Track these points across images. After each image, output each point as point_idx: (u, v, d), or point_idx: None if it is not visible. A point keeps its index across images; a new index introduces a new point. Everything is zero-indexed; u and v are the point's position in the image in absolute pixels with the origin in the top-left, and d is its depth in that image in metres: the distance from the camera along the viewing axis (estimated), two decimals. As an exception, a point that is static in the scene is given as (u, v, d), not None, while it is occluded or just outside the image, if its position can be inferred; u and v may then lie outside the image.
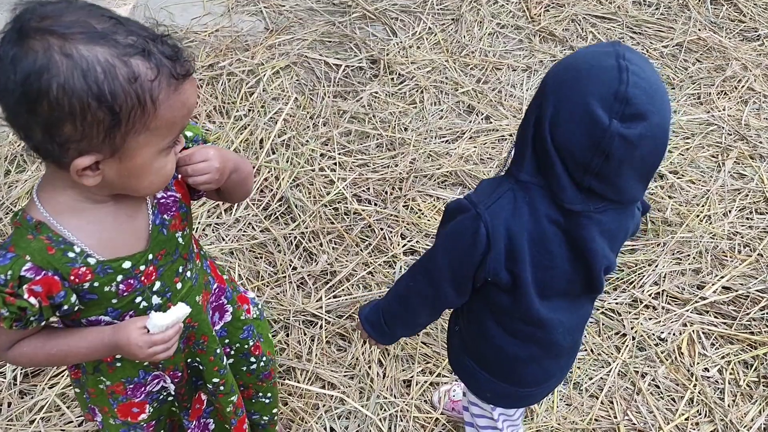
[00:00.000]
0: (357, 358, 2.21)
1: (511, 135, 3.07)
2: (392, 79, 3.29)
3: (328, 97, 3.13)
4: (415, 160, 2.88)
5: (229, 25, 3.52)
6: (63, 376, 2.05)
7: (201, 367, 1.45)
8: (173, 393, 1.45)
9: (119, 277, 1.20)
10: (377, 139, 2.97)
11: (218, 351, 1.47)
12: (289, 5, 3.69)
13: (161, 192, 1.27)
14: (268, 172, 2.75)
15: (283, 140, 2.88)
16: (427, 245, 2.57)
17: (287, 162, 2.80)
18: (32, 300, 1.10)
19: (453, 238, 1.32)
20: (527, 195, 1.25)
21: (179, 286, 1.31)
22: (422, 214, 2.69)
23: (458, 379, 1.80)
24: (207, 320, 1.43)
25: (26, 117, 1.00)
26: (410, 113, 3.13)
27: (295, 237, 2.55)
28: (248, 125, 2.92)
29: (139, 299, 1.25)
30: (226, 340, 1.53)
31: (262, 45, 3.37)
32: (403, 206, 2.70)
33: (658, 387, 2.24)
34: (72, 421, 1.97)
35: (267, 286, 2.40)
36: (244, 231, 2.55)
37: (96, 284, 1.17)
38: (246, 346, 1.57)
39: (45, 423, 1.96)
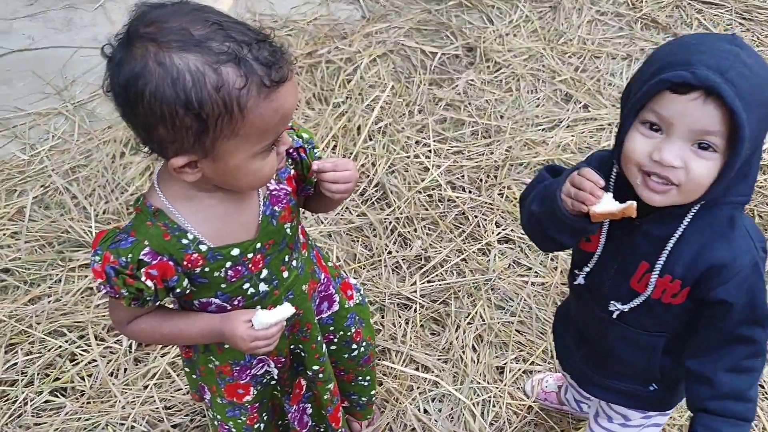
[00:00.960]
0: (451, 343, 2.24)
1: (610, 124, 3.00)
2: (488, 66, 3.28)
3: (424, 84, 3.16)
4: (510, 148, 2.87)
5: (327, 13, 3.59)
6: (173, 346, 2.17)
7: (303, 354, 1.52)
8: (276, 377, 1.52)
9: (228, 264, 1.26)
10: (472, 127, 2.97)
11: (319, 339, 1.53)
12: (385, -6, 3.73)
13: (274, 184, 1.32)
14: (365, 158, 2.80)
15: (380, 127, 2.92)
16: (523, 234, 2.56)
17: (383, 148, 2.84)
18: (149, 283, 1.18)
19: None
20: None
21: (285, 274, 1.37)
22: (518, 202, 2.67)
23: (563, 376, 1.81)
24: (311, 309, 1.49)
25: (129, 116, 1.08)
26: (506, 101, 3.11)
27: (390, 222, 2.59)
28: (346, 112, 2.99)
29: (246, 285, 1.30)
30: (331, 328, 1.59)
31: (359, 33, 3.42)
32: (498, 194, 2.69)
33: None
34: (181, 389, 2.09)
35: (363, 268, 2.45)
36: (342, 215, 2.62)
37: (206, 269, 1.24)
38: (348, 334, 1.63)
39: (157, 389, 2.08)
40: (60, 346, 2.16)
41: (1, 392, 2.08)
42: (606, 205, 1.20)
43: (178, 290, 1.23)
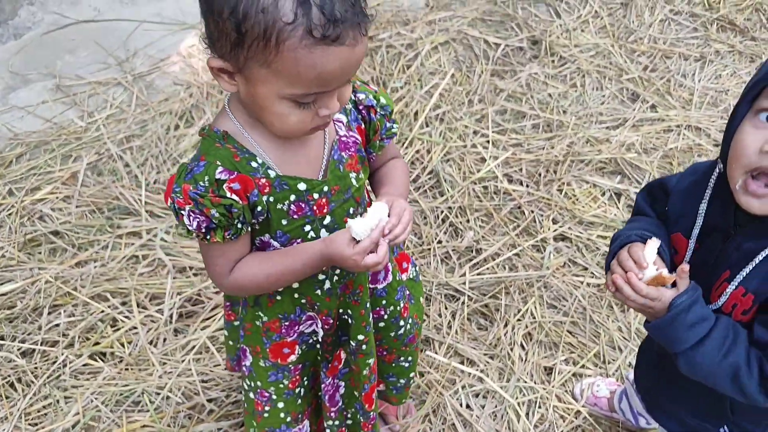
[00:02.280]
0: (498, 338, 2.15)
1: (678, 126, 2.86)
2: (553, 61, 3.17)
3: (486, 74, 3.07)
4: (573, 143, 2.75)
5: (390, 1, 3.53)
6: (214, 319, 2.14)
7: (350, 321, 1.45)
8: (320, 340, 1.46)
9: (292, 197, 1.22)
10: (533, 120, 2.87)
11: (368, 305, 1.46)
12: (451, -17, 3.65)
13: (344, 130, 1.29)
14: (421, 144, 2.73)
15: (438, 114, 2.84)
16: (580, 233, 2.45)
17: (440, 136, 2.76)
18: (234, 197, 1.16)
19: None
20: None
21: None
22: (576, 200, 2.56)
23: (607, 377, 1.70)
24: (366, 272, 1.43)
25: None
26: (570, 96, 2.99)
27: (442, 211, 2.51)
28: (404, 97, 2.92)
29: (308, 228, 1.26)
30: (383, 302, 1.53)
31: (422, 20, 3.35)
32: (557, 190, 2.58)
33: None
34: (219, 364, 2.05)
35: (412, 256, 2.37)
36: (393, 200, 2.55)
37: (271, 199, 1.20)
38: (398, 308, 1.56)
39: (195, 362, 2.05)
40: (102, 311, 2.14)
41: (42, 352, 2.08)
42: (649, 274, 1.18)
43: (259, 208, 1.20)
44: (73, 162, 2.65)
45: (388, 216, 1.21)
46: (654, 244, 1.20)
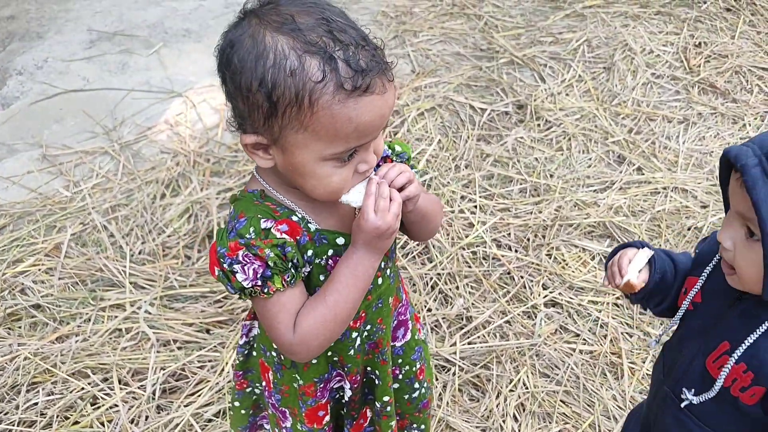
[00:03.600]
0: (491, 410, 2.09)
1: (665, 188, 2.88)
2: (538, 125, 3.20)
3: (472, 139, 3.09)
4: (560, 207, 2.75)
5: (377, 66, 3.57)
6: (199, 394, 2.08)
7: (377, 381, 1.43)
8: (347, 399, 1.43)
9: (330, 251, 1.21)
10: (521, 184, 2.87)
11: (392, 364, 1.44)
12: (436, 50, 3.71)
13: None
14: (408, 210, 2.72)
15: (425, 180, 2.85)
16: (571, 298, 2.43)
17: (428, 202, 2.76)
18: (286, 237, 1.13)
19: None
20: None
21: (380, 281, 1.31)
22: (566, 264, 2.55)
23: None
24: (391, 326, 1.41)
25: (223, 82, 1.09)
26: (556, 160, 3.01)
27: (431, 278, 2.48)
28: (391, 163, 2.92)
29: None
30: (399, 360, 1.50)
31: (408, 86, 3.39)
32: (546, 255, 2.57)
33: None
34: (203, 442, 1.98)
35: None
36: (381, 268, 2.52)
37: (310, 253, 1.19)
38: (414, 369, 1.53)
39: (178, 441, 1.98)
40: (83, 388, 2.08)
41: (18, 433, 2.00)
42: (624, 280, 1.30)
43: (309, 252, 1.18)
44: (57, 233, 2.62)
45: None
46: (644, 253, 1.30)
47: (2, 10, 4.15)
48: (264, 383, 1.43)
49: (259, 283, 1.13)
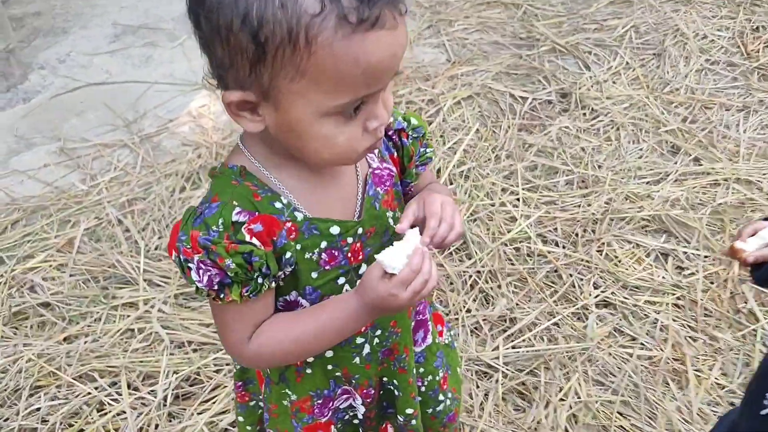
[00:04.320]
0: (539, 422, 1.86)
1: (726, 180, 2.62)
2: (584, 114, 2.96)
3: (513, 129, 2.87)
4: (611, 200, 2.51)
5: (411, 56, 3.38)
6: (215, 401, 1.89)
7: (396, 393, 1.22)
8: (360, 417, 1.23)
9: (323, 243, 1.00)
10: (567, 175, 2.64)
11: (414, 373, 1.24)
12: (472, 39, 3.51)
13: (376, 162, 1.09)
14: (444, 203, 2.51)
15: (462, 171, 2.63)
16: (626, 298, 2.19)
17: (466, 194, 2.54)
18: (255, 241, 0.94)
19: None
20: None
21: None
22: (619, 261, 2.31)
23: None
24: (410, 329, 1.21)
25: (196, 30, 0.88)
26: (604, 150, 2.77)
27: (470, 276, 2.27)
28: (425, 154, 2.72)
29: (342, 280, 1.05)
30: (421, 369, 1.29)
31: (444, 75, 3.19)
32: (597, 251, 2.33)
33: None
34: (218, 454, 1.79)
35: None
36: (415, 265, 2.31)
37: (298, 246, 0.99)
38: (437, 378, 1.32)
39: (190, 452, 1.79)
40: (89, 393, 1.90)
41: (19, 441, 1.84)
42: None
43: (288, 255, 0.98)
44: (71, 228, 2.47)
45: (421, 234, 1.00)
46: None
47: (28, 6, 4.06)
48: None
49: (215, 289, 0.95)
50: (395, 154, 1.13)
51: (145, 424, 1.84)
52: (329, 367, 1.14)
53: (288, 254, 0.98)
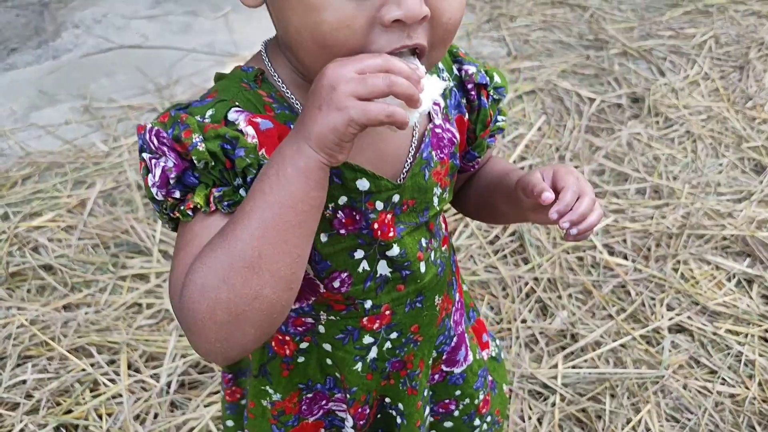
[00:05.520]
0: (603, 457, 1.58)
1: (818, 205, 2.32)
2: (657, 121, 2.68)
3: (579, 130, 2.59)
4: (689, 214, 2.22)
5: (468, 48, 3.13)
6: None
7: (399, 420, 0.94)
8: None
9: (343, 198, 0.74)
10: (638, 183, 2.36)
11: (425, 394, 0.96)
12: (535, 35, 3.25)
13: (439, 119, 0.83)
14: (501, 200, 2.24)
15: (523, 167, 2.36)
16: (704, 324, 1.89)
17: (524, 193, 2.27)
18: (250, 129, 0.68)
19: None
20: None
21: (422, 267, 0.84)
22: (696, 282, 2.01)
23: None
24: (433, 341, 0.94)
25: None
26: (680, 161, 2.49)
27: (527, 282, 1.99)
28: (482, 146, 2.46)
29: (359, 254, 0.79)
30: (457, 392, 1.01)
31: (504, 68, 2.93)
32: (672, 269, 2.04)
33: None
34: (224, 456, 1.52)
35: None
36: (464, 264, 2.04)
37: None
38: (476, 402, 1.03)
39: (192, 450, 1.53)
40: (83, 369, 1.65)
41: (-2, 417, 1.59)
42: None
43: None
44: (86, 189, 2.24)
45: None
46: None
47: (69, -34, 3.89)
48: None
49: (170, 187, 0.67)
50: (466, 116, 0.88)
51: (143, 411, 1.58)
52: (328, 361, 0.88)
53: None
